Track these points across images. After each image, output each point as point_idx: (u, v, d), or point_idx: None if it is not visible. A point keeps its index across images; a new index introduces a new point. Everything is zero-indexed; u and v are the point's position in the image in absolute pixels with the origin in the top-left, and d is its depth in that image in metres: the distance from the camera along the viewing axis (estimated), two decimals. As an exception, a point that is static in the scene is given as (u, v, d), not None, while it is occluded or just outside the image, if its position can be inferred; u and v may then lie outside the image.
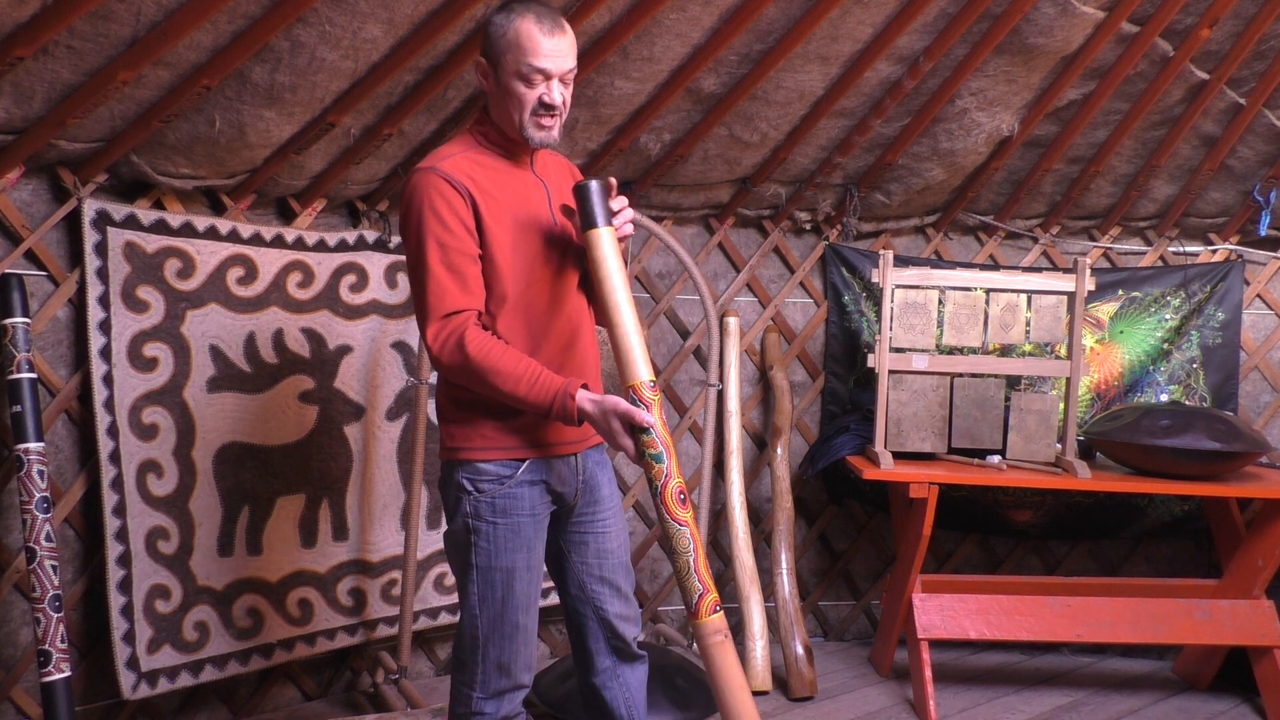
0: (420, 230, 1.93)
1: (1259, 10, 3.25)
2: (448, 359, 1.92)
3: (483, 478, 2.01)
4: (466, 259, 1.93)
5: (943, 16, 3.12)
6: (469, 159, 1.99)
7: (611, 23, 2.84)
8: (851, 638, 4.06)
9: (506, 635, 2.04)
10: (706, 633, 1.71)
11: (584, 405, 1.85)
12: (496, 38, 1.95)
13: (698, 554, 1.74)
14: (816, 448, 3.77)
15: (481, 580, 2.03)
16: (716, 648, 1.69)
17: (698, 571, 1.73)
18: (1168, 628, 3.37)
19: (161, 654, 2.84)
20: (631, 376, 1.83)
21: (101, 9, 2.26)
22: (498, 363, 1.88)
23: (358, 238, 3.26)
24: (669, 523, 1.76)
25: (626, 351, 1.85)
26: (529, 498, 2.03)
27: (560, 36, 1.94)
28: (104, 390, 2.75)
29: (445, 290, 1.91)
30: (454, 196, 1.92)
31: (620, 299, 1.89)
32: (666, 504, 1.76)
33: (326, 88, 2.72)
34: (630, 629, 2.21)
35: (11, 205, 2.68)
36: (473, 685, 2.06)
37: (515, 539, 2.02)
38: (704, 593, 1.73)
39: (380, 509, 3.32)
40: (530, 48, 1.91)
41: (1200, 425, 3.24)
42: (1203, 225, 4.06)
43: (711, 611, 1.72)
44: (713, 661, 1.69)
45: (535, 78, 1.94)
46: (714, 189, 3.77)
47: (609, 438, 1.85)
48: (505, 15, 1.95)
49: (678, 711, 3.09)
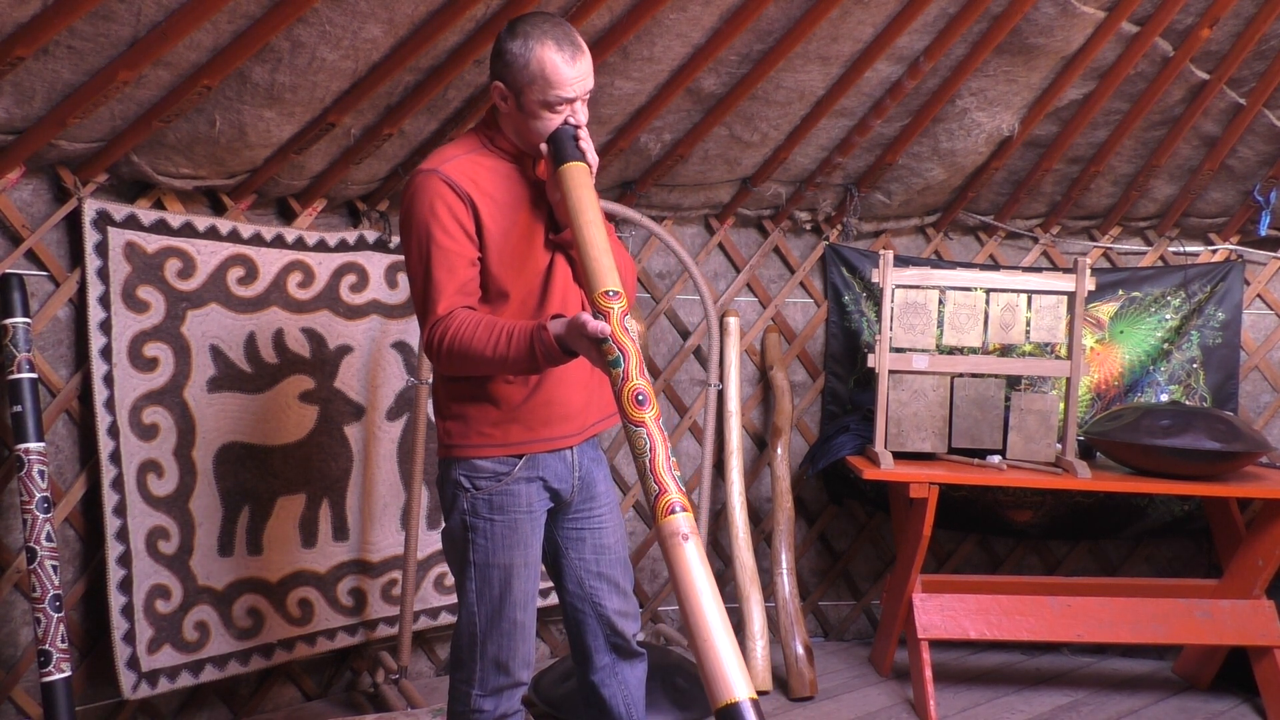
0: (421, 233, 1.94)
1: (1259, 10, 3.25)
2: (438, 355, 1.93)
3: (480, 475, 2.02)
4: (464, 262, 1.94)
5: (943, 16, 3.12)
6: (472, 161, 2.00)
7: (611, 23, 2.84)
8: (851, 638, 4.07)
9: (504, 632, 2.05)
10: (664, 534, 1.59)
11: (559, 333, 1.82)
12: (518, 68, 1.92)
13: (655, 454, 1.66)
14: (816, 448, 3.77)
15: (479, 577, 2.04)
16: (673, 550, 1.56)
17: (654, 472, 1.64)
18: (1168, 628, 3.37)
19: (162, 654, 2.84)
20: (593, 289, 1.80)
21: (102, 9, 2.26)
22: (471, 338, 1.88)
23: (358, 238, 3.26)
24: (627, 425, 1.71)
25: (591, 265, 1.82)
26: (526, 495, 2.04)
27: (581, 60, 1.94)
28: (104, 390, 2.75)
29: (442, 292, 1.92)
30: (455, 201, 1.93)
31: (588, 219, 1.86)
32: (624, 406, 1.71)
33: (327, 88, 2.72)
34: (629, 625, 2.21)
35: (12, 205, 2.69)
36: (471, 682, 2.07)
37: (512, 536, 2.03)
38: (660, 493, 1.62)
39: (380, 509, 3.32)
40: (556, 80, 1.91)
41: (1200, 425, 3.24)
42: (1203, 225, 4.06)
43: (669, 512, 1.60)
44: (670, 564, 1.58)
45: (562, 107, 1.95)
46: (714, 189, 3.77)
47: (584, 353, 1.81)
48: (522, 43, 1.92)
49: (678, 711, 3.09)
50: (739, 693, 1.42)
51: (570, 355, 1.85)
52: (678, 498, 1.62)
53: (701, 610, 1.51)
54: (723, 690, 1.44)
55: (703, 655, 1.48)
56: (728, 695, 1.43)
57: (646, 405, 1.71)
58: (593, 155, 1.98)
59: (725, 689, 1.43)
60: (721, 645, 1.47)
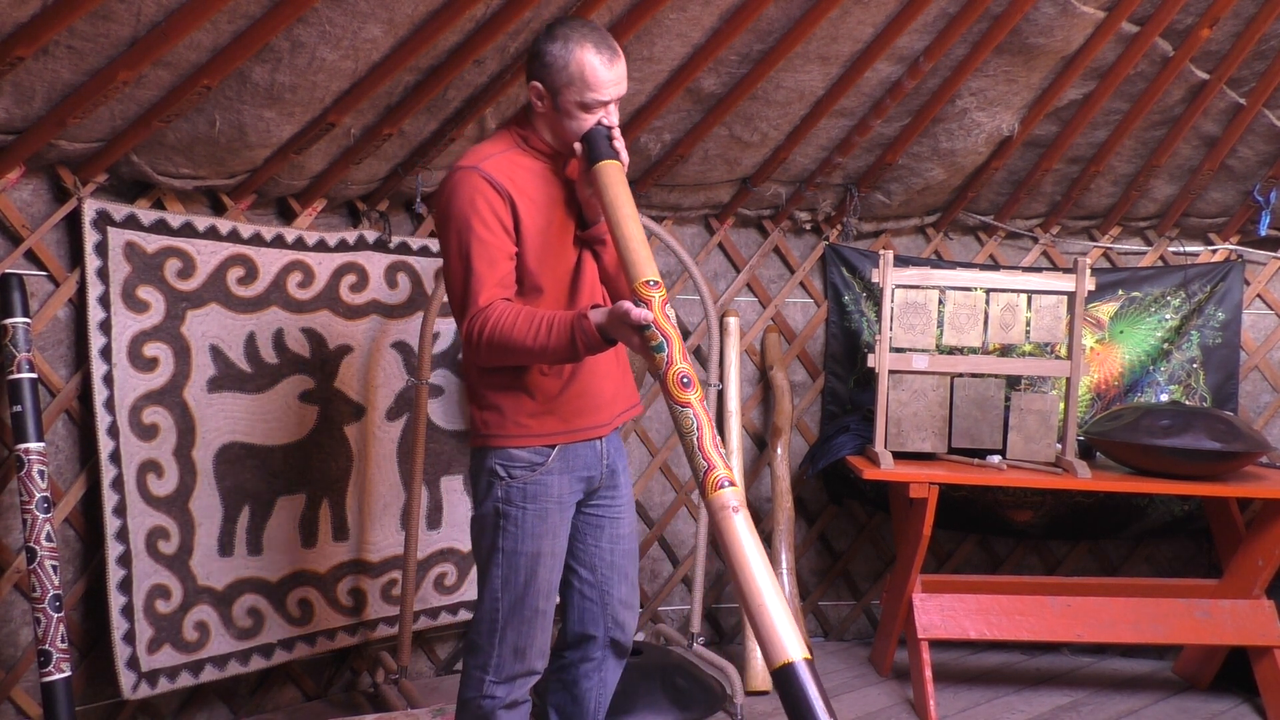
0: (461, 227, 2.00)
1: (1259, 10, 3.24)
2: (477, 345, 1.99)
3: (515, 464, 2.09)
4: (503, 256, 2.01)
5: (943, 16, 3.12)
6: (509, 159, 2.06)
7: (611, 23, 2.84)
8: (851, 638, 4.06)
9: (525, 620, 2.10)
10: (714, 508, 1.70)
11: (599, 322, 1.90)
12: (557, 69, 2.00)
13: (701, 433, 1.76)
14: (816, 448, 3.77)
15: (506, 564, 2.09)
16: (724, 522, 1.67)
17: (702, 450, 1.74)
18: (1168, 628, 3.37)
19: (162, 654, 2.84)
20: (633, 279, 1.88)
21: (101, 9, 2.26)
22: (511, 329, 1.95)
23: (358, 238, 3.26)
24: (673, 406, 1.80)
25: (630, 257, 1.91)
26: (558, 485, 2.11)
27: (618, 63, 2.03)
28: (104, 390, 2.75)
29: (483, 284, 1.98)
30: (494, 197, 2.00)
31: (625, 214, 1.94)
32: (669, 389, 1.81)
33: (327, 88, 2.72)
34: (630, 616, 2.27)
35: (12, 205, 2.69)
36: (486, 669, 2.12)
37: (542, 525, 2.09)
38: (708, 469, 1.73)
39: (380, 509, 3.32)
40: (594, 81, 1.99)
41: (1200, 425, 3.24)
42: (1203, 225, 4.06)
43: (718, 487, 1.70)
44: (721, 536, 1.68)
45: (598, 108, 2.03)
46: (714, 189, 3.77)
47: (625, 340, 1.90)
48: (562, 45, 1.99)
49: (678, 711, 3.09)
50: (793, 654, 1.51)
51: (609, 343, 1.92)
52: (725, 473, 1.72)
53: (753, 578, 1.59)
54: (778, 652, 1.53)
55: (757, 620, 1.55)
56: (783, 657, 1.52)
57: (691, 387, 1.80)
58: (625, 154, 2.06)
59: (780, 651, 1.53)
60: (775, 610, 1.56)
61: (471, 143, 3.20)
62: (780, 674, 1.52)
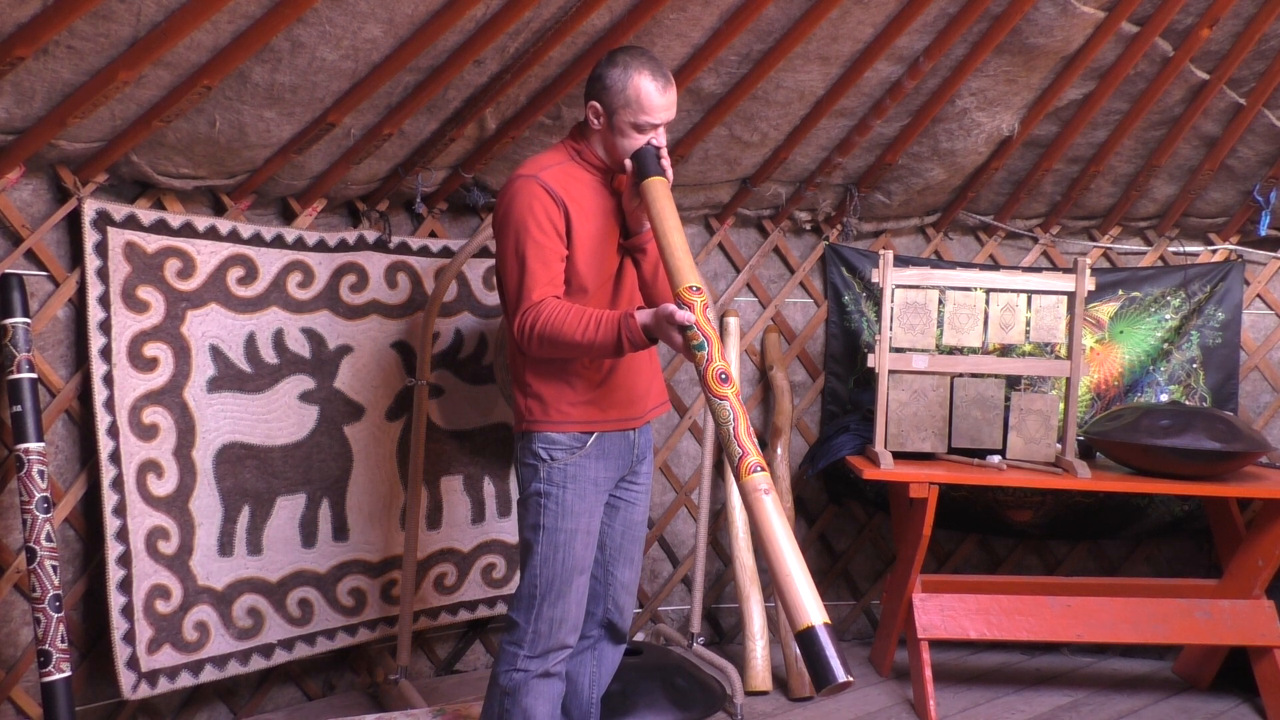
0: (518, 229, 2.19)
1: (1259, 10, 3.24)
2: (529, 337, 2.16)
3: (556, 447, 2.28)
4: (556, 258, 2.20)
5: (943, 16, 3.12)
6: (565, 171, 2.26)
7: (612, 23, 2.84)
8: (851, 638, 4.06)
9: (560, 593, 2.28)
10: (747, 490, 1.86)
11: (644, 322, 2.09)
12: (615, 92, 2.21)
13: (737, 423, 1.94)
14: (816, 448, 3.77)
15: (546, 541, 2.27)
16: (756, 503, 1.84)
17: (737, 437, 1.92)
18: (1168, 628, 3.37)
19: (162, 654, 2.84)
20: (677, 285, 2.07)
21: (101, 9, 2.26)
22: (562, 324, 2.13)
23: (358, 238, 3.26)
24: (711, 399, 1.98)
25: (674, 265, 2.08)
26: (594, 469, 2.30)
27: (670, 91, 2.23)
28: (104, 390, 2.75)
29: (537, 281, 2.17)
30: (550, 204, 2.19)
31: (671, 225, 2.13)
32: (708, 383, 1.98)
33: (327, 88, 2.72)
34: (628, 601, 2.48)
35: (11, 205, 2.69)
36: (520, 643, 2.29)
37: (580, 504, 2.28)
38: (743, 455, 1.90)
39: (380, 509, 3.32)
40: (648, 106, 2.20)
41: (1200, 425, 3.24)
42: (1203, 225, 4.06)
43: (751, 471, 1.88)
44: (752, 514, 1.84)
45: (649, 129, 2.24)
46: (714, 189, 3.77)
47: (667, 340, 2.06)
48: (622, 71, 2.21)
49: (678, 711, 3.09)
50: (815, 619, 1.71)
51: (651, 341, 2.13)
52: (757, 459, 1.91)
53: (782, 553, 1.79)
54: (801, 616, 1.72)
55: (784, 589, 1.76)
56: (806, 620, 1.71)
57: (728, 383, 1.99)
58: (670, 172, 2.26)
59: (803, 615, 1.71)
60: (799, 580, 1.76)
61: (471, 143, 3.21)
62: (803, 636, 1.71)
